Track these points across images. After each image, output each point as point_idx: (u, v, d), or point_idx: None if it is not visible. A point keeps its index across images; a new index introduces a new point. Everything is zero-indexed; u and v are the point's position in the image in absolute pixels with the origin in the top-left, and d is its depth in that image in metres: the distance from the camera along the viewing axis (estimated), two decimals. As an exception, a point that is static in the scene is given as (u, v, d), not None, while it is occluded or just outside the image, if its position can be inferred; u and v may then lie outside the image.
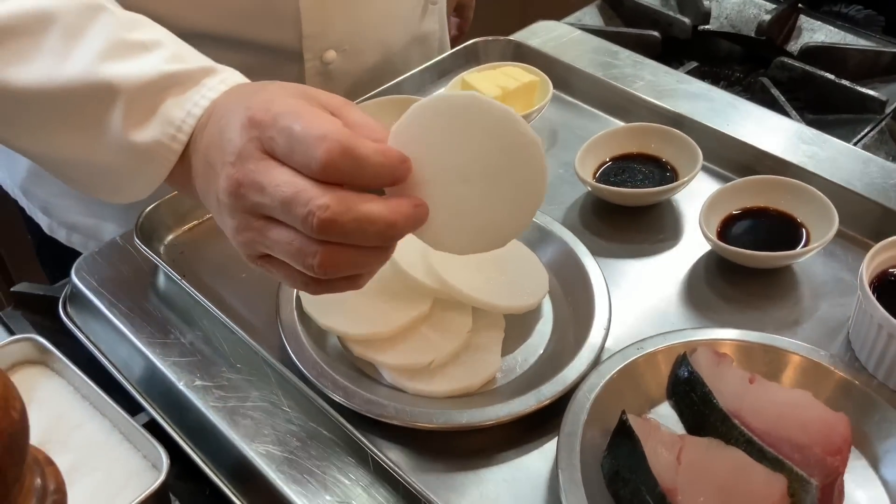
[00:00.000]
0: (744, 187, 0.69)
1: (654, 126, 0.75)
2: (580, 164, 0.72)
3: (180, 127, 0.52)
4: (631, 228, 0.71)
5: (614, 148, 0.75)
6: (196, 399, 0.57)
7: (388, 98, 0.80)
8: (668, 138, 0.74)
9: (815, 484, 0.49)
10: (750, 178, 0.70)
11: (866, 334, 0.58)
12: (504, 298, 0.60)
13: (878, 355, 0.57)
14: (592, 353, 0.57)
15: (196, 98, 0.52)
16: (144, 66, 0.53)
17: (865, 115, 0.97)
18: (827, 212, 0.66)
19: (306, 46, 0.74)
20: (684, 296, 0.65)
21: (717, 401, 0.54)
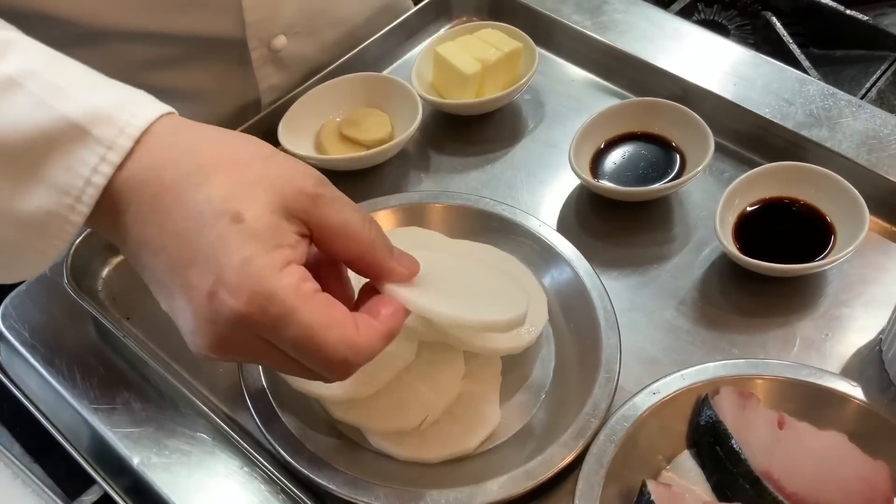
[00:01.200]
0: (761, 177, 0.61)
1: (657, 102, 0.66)
2: (575, 153, 0.63)
3: (79, 198, 0.39)
4: (634, 226, 0.63)
5: (613, 128, 0.66)
6: (154, 479, 0.50)
7: (356, 76, 0.69)
8: (674, 116, 0.65)
9: (860, 562, 0.44)
10: (767, 168, 0.61)
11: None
12: (501, 337, 0.52)
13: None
14: (603, 403, 0.50)
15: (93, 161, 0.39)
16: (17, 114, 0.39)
17: (878, 51, 0.88)
18: (856, 206, 0.58)
19: (250, 35, 0.63)
20: (698, 310, 0.58)
21: (745, 457, 0.48)
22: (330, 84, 0.68)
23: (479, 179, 0.67)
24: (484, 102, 0.67)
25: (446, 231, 0.60)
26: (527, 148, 0.69)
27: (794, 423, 0.50)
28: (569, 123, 0.69)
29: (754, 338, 0.57)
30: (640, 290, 0.59)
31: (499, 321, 0.47)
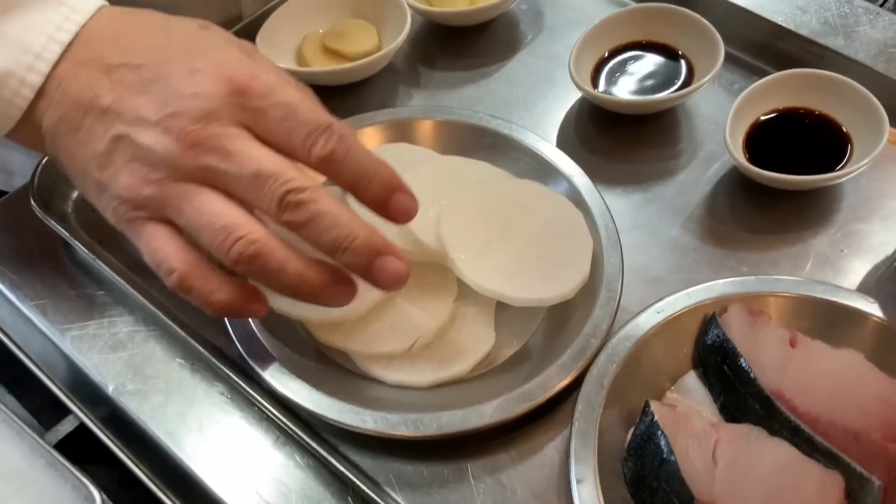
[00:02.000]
0: (775, 85, 0.57)
1: (663, 8, 0.61)
2: (576, 64, 0.59)
3: (40, 54, 0.40)
4: (639, 141, 0.59)
5: (616, 37, 0.62)
6: (131, 409, 0.47)
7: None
8: (681, 23, 0.60)
9: (877, 484, 0.41)
10: (781, 75, 0.57)
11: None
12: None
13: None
14: (604, 323, 0.47)
15: (57, 19, 0.40)
16: None
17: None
18: (875, 116, 0.54)
19: None
20: (705, 227, 0.55)
21: (755, 377, 0.45)
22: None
23: (473, 95, 0.63)
24: (477, 11, 0.63)
25: (438, 148, 0.57)
26: (524, 61, 0.65)
27: (807, 342, 0.47)
28: (569, 35, 0.64)
29: (765, 255, 0.53)
30: (645, 207, 0.56)
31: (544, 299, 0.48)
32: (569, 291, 0.48)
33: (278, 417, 0.45)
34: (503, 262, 0.48)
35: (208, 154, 0.39)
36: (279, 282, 0.39)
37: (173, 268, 0.39)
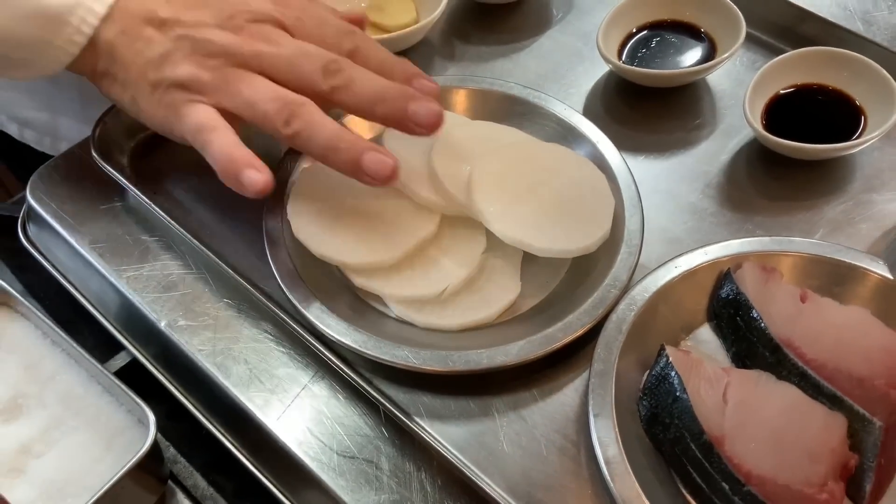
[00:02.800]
0: (793, 62, 0.60)
1: (689, -12, 0.64)
2: (603, 38, 0.62)
3: None
4: (662, 113, 0.62)
5: (642, 15, 0.65)
6: (182, 342, 0.51)
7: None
8: (704, 2, 0.63)
9: (878, 424, 0.44)
10: (799, 52, 0.60)
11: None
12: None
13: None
14: (624, 275, 0.50)
15: None
16: None
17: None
18: (888, 91, 0.57)
19: None
20: (724, 193, 0.58)
21: (766, 327, 0.48)
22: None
23: (505, 68, 0.66)
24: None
25: (471, 115, 0.60)
26: (553, 38, 0.68)
27: (817, 298, 0.50)
28: (597, 14, 0.68)
29: (779, 220, 0.56)
30: (666, 173, 0.59)
31: (566, 251, 0.51)
32: (591, 245, 0.51)
33: (320, 351, 0.49)
34: (529, 216, 0.52)
35: (260, 42, 0.48)
36: (323, 145, 0.47)
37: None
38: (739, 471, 0.42)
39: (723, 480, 0.43)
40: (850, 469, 0.44)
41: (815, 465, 0.43)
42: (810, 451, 0.43)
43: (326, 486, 0.46)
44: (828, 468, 0.43)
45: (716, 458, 0.43)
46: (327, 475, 0.46)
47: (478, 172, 0.53)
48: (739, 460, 0.43)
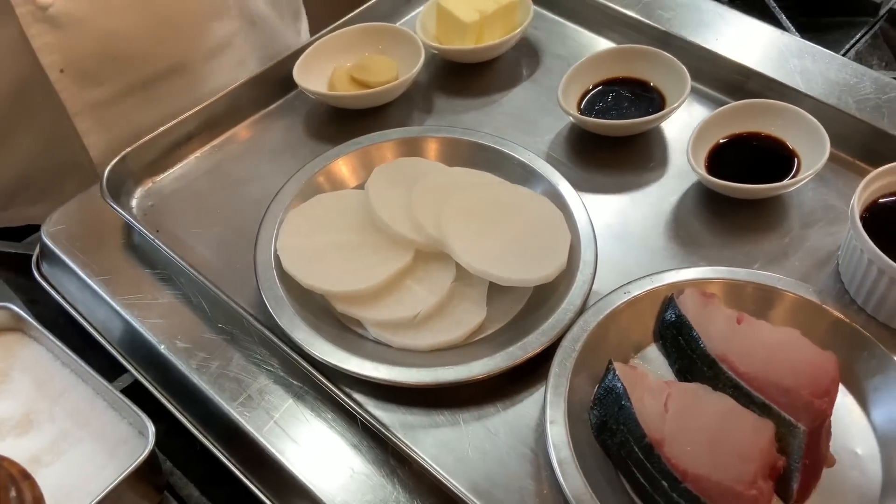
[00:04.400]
0: (733, 113, 0.67)
1: (639, 48, 0.72)
2: (563, 94, 0.69)
3: None
4: (617, 159, 0.69)
5: (598, 73, 0.72)
6: (179, 362, 0.57)
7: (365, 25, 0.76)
8: (654, 60, 0.71)
9: (802, 429, 0.49)
10: (738, 104, 0.67)
11: (856, 267, 0.57)
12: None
13: (868, 289, 0.57)
14: (579, 300, 0.56)
15: None
16: None
17: (859, 17, 0.93)
18: (818, 137, 0.63)
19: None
20: (672, 230, 0.64)
21: (704, 344, 0.53)
22: (341, 33, 0.74)
23: (478, 119, 0.73)
24: (482, 49, 0.74)
25: (445, 161, 0.66)
26: (522, 93, 0.75)
27: (752, 320, 0.55)
28: (561, 72, 0.74)
29: (722, 253, 0.62)
30: (621, 212, 0.65)
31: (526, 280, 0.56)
32: (549, 274, 0.57)
33: (305, 368, 0.54)
34: (494, 249, 0.58)
35: None
36: None
37: None
38: (677, 469, 0.47)
39: (662, 479, 0.47)
40: (778, 469, 0.48)
41: (746, 465, 0.48)
42: (741, 453, 0.48)
43: (311, 492, 0.51)
44: (757, 468, 0.48)
45: (656, 458, 0.48)
46: (311, 482, 0.51)
47: (448, 211, 0.59)
48: (677, 460, 0.48)
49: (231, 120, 0.72)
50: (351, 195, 0.63)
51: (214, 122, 0.71)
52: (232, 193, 0.67)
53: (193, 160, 0.70)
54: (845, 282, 0.59)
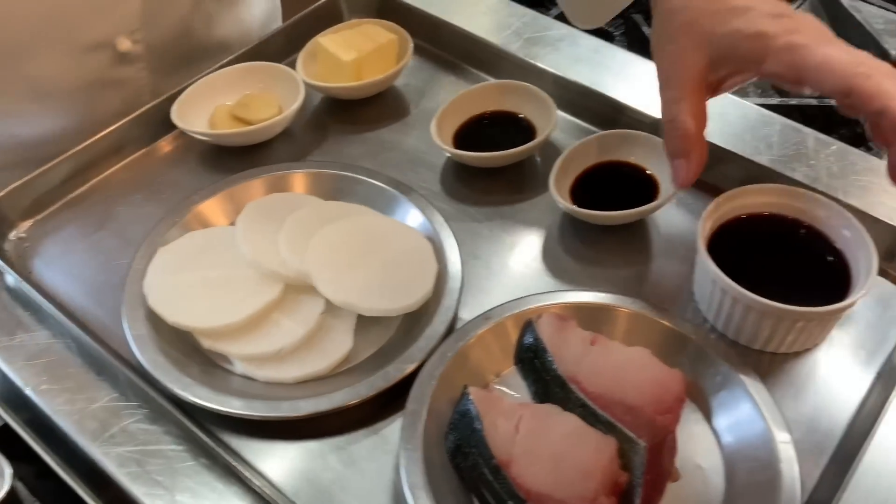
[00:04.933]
0: (596, 143, 0.70)
1: (509, 83, 0.75)
2: (438, 129, 0.71)
3: None
4: (492, 189, 0.71)
5: (472, 108, 0.74)
6: (43, 403, 0.57)
7: (246, 65, 0.77)
8: (526, 94, 0.74)
9: (643, 445, 0.51)
10: (601, 134, 0.70)
11: (705, 288, 0.60)
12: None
13: (717, 308, 0.59)
14: (442, 328, 0.58)
15: None
16: None
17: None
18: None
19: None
20: (540, 257, 0.66)
21: (556, 366, 0.55)
22: (222, 72, 0.76)
23: (357, 153, 0.75)
24: (361, 86, 0.76)
25: (321, 195, 0.68)
26: (402, 129, 0.77)
27: (606, 341, 0.58)
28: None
29: (586, 278, 0.64)
30: (493, 241, 0.67)
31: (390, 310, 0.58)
32: (412, 304, 0.59)
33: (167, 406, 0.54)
34: (358, 280, 0.59)
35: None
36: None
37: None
38: (521, 489, 0.49)
39: (509, 499, 0.49)
40: (620, 485, 0.50)
41: (587, 481, 0.49)
42: (583, 470, 0.50)
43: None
44: (598, 484, 0.49)
45: (503, 478, 0.50)
46: (172, 518, 0.51)
47: (315, 244, 0.60)
48: (523, 480, 0.49)
49: (113, 159, 0.73)
50: (222, 231, 0.64)
51: (94, 161, 0.72)
52: (109, 233, 0.68)
53: (72, 200, 0.70)
54: (698, 301, 0.62)
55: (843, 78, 0.49)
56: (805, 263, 0.60)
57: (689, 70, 0.56)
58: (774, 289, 0.56)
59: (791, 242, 0.61)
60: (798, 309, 0.55)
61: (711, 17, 0.54)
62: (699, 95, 0.56)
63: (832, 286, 0.58)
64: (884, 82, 0.49)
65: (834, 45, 0.51)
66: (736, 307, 0.58)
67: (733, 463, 0.53)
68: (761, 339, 0.58)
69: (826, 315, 0.56)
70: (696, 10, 0.55)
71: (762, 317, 0.57)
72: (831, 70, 0.50)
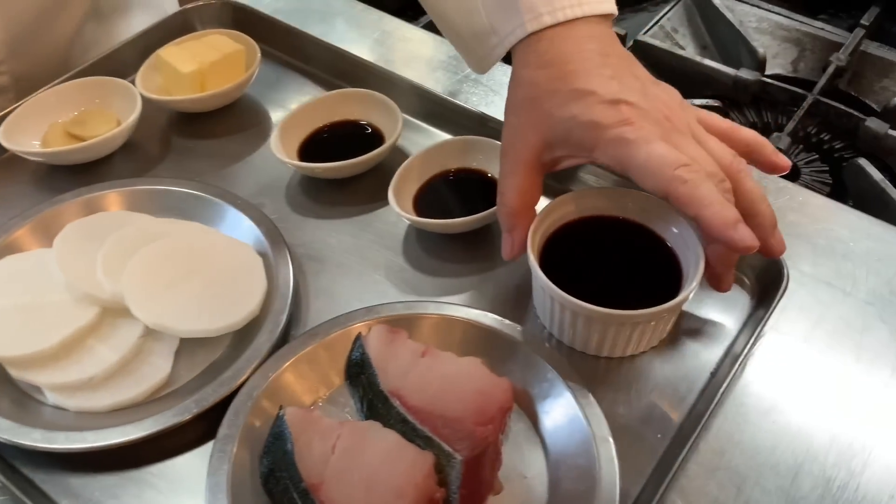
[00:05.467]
0: (440, 150, 0.68)
1: (354, 91, 0.73)
2: (281, 143, 0.69)
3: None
4: (340, 201, 0.70)
5: (319, 118, 0.72)
6: None
7: (80, 80, 0.74)
8: (372, 103, 0.72)
9: (459, 458, 0.49)
10: (446, 141, 0.69)
11: (538, 298, 0.59)
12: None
13: (550, 316, 0.58)
14: (265, 347, 0.56)
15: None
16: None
17: None
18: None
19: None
20: (385, 269, 0.64)
21: (379, 381, 0.54)
22: (55, 90, 0.73)
23: (204, 168, 0.72)
24: (200, 99, 0.73)
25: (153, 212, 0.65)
26: (251, 142, 0.75)
27: (436, 353, 0.56)
28: (292, 118, 0.75)
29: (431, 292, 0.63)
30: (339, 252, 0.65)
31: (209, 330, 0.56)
32: (235, 324, 0.57)
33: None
34: (176, 301, 0.57)
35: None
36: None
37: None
38: (331, 512, 0.47)
39: (317, 523, 0.47)
40: (436, 501, 0.49)
41: (400, 500, 0.48)
42: (396, 489, 0.48)
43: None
44: (411, 502, 0.48)
45: (311, 502, 0.48)
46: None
47: (133, 264, 0.58)
48: (333, 503, 0.48)
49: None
50: (39, 255, 0.61)
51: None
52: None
53: None
54: (537, 309, 0.61)
55: (661, 181, 0.50)
56: (638, 264, 0.60)
57: (524, 148, 0.55)
58: (611, 292, 0.55)
59: (623, 243, 0.61)
60: (621, 313, 0.54)
61: (552, 97, 0.53)
62: (532, 173, 0.56)
63: (665, 284, 0.57)
64: (699, 189, 0.49)
65: (659, 144, 0.50)
66: (565, 314, 0.57)
67: (557, 471, 0.52)
68: (593, 345, 0.58)
69: (652, 316, 0.55)
70: (539, 88, 0.54)
71: (590, 322, 0.56)
72: (651, 172, 0.50)
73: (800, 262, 0.64)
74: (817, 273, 0.64)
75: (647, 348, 0.59)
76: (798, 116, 0.87)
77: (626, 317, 0.55)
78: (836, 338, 0.59)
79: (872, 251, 0.65)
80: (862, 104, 0.95)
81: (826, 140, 0.91)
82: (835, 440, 0.54)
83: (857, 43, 0.98)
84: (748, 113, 0.95)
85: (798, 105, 0.89)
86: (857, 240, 0.66)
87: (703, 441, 0.54)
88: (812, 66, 1.00)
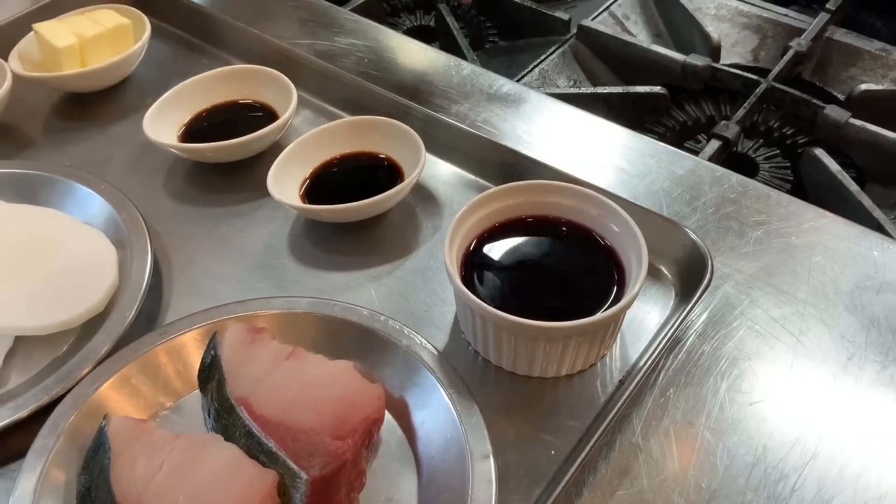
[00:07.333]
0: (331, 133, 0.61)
1: (248, 68, 0.66)
2: (156, 124, 0.62)
3: None
4: (227, 188, 0.63)
5: (210, 98, 0.66)
6: None
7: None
8: (262, 81, 0.65)
9: (305, 478, 0.42)
10: (337, 123, 0.62)
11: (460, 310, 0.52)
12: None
13: (472, 330, 0.51)
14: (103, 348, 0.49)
15: None
16: None
17: (552, 37, 0.91)
18: (416, 148, 0.58)
19: None
20: (264, 260, 0.57)
21: (226, 388, 0.46)
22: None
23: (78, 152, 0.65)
24: (77, 75, 0.66)
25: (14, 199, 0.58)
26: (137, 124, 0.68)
27: (305, 355, 0.48)
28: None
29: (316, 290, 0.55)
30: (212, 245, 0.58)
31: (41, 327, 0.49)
32: (73, 319, 0.50)
33: None
34: (6, 295, 0.49)
35: None
36: None
37: None
38: (142, 541, 0.40)
39: (127, 554, 0.40)
40: (276, 528, 0.41)
41: (228, 526, 0.40)
42: (226, 513, 0.41)
43: None
44: (242, 529, 0.40)
45: (121, 529, 0.40)
46: None
47: None
48: (147, 530, 0.40)
49: None
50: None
51: None
52: None
53: None
54: (460, 322, 0.53)
55: None
56: (575, 267, 0.52)
57: None
58: (542, 303, 0.49)
59: (558, 245, 0.53)
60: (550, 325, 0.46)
61: None
62: None
63: (606, 289, 0.50)
64: None
65: None
66: (488, 328, 0.48)
67: (428, 493, 0.45)
68: (523, 363, 0.49)
69: (588, 327, 0.46)
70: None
71: (516, 337, 0.47)
72: None
73: (729, 256, 0.57)
74: (751, 269, 0.56)
75: (585, 366, 0.50)
76: (749, 104, 0.80)
77: (558, 329, 0.47)
78: (769, 341, 0.52)
79: (815, 245, 0.57)
80: (826, 94, 0.88)
81: (788, 135, 0.84)
82: (759, 461, 0.46)
83: (822, 29, 0.91)
84: (702, 101, 0.87)
85: (751, 93, 0.82)
86: (800, 234, 0.58)
87: (601, 460, 0.46)
88: (773, 55, 0.93)
